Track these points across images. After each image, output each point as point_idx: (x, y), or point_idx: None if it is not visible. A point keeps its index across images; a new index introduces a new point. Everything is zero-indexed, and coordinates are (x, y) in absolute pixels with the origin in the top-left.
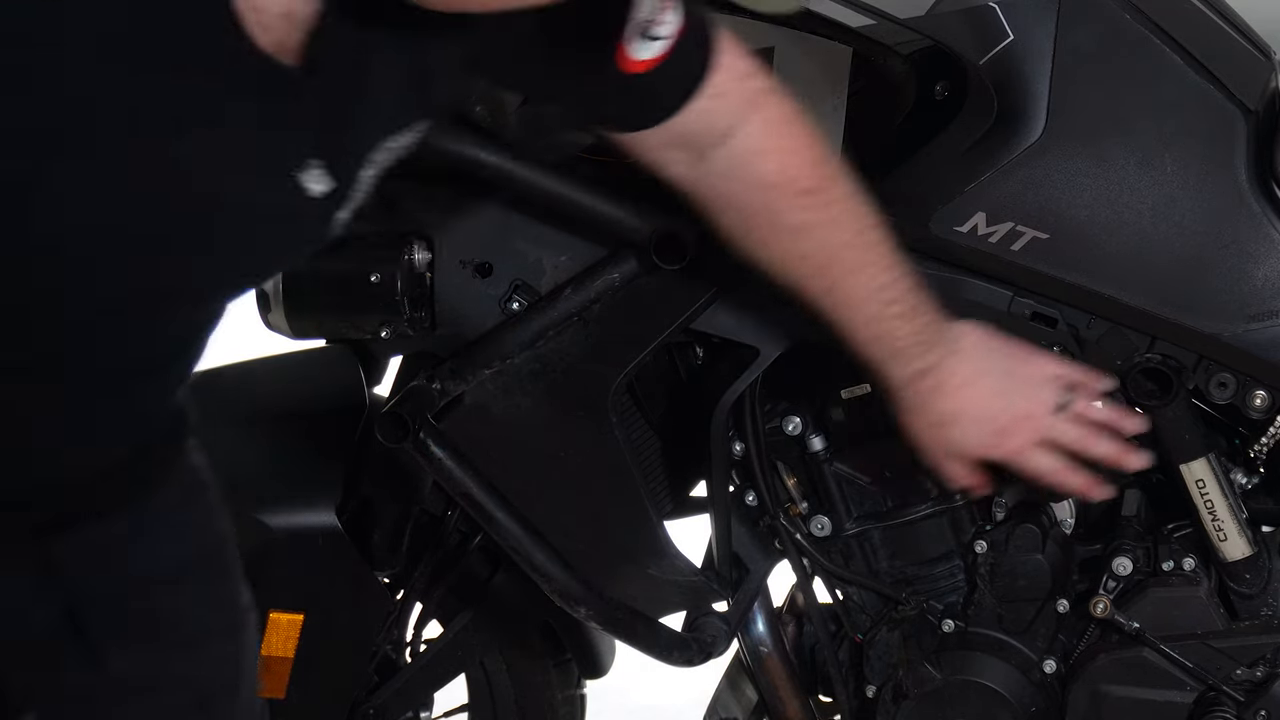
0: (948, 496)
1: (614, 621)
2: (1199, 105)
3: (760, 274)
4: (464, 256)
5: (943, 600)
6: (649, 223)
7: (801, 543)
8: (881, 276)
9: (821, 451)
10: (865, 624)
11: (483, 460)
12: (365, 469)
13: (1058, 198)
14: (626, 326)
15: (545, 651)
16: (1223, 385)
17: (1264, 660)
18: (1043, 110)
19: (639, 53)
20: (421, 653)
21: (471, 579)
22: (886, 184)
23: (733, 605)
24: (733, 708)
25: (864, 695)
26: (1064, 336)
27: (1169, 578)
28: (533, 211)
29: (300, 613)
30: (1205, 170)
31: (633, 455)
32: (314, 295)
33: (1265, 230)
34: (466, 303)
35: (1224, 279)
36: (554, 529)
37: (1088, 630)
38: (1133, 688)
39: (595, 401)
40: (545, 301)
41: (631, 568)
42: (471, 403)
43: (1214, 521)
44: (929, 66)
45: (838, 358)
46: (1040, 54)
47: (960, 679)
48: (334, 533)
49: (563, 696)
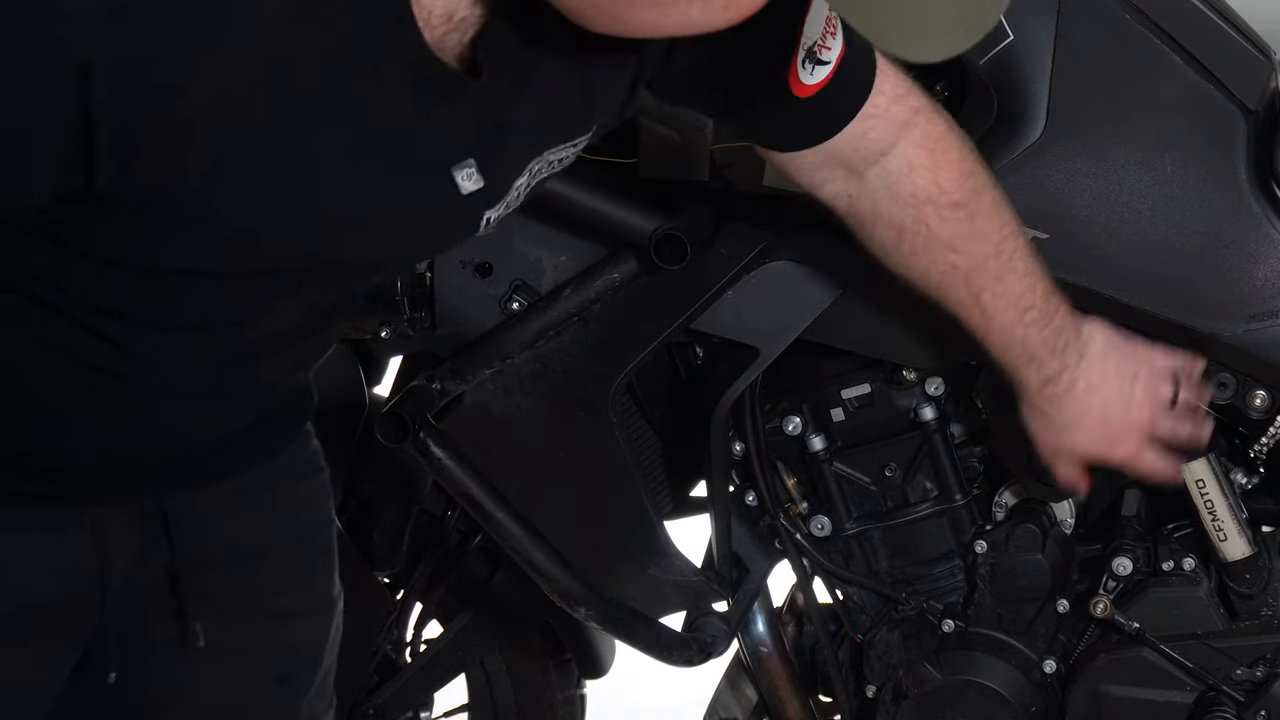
0: (948, 496)
1: (614, 621)
2: (1199, 105)
3: (903, 285)
4: (464, 256)
5: (943, 600)
6: (649, 223)
7: (801, 543)
8: (1020, 284)
9: (821, 451)
10: (865, 624)
11: (483, 460)
12: (365, 469)
13: (1058, 198)
14: (626, 326)
15: (545, 651)
16: (1223, 385)
17: (1264, 660)
18: (1043, 110)
19: (807, 76)
20: (421, 653)
21: (471, 579)
22: None
23: (733, 605)
24: (733, 708)
25: (864, 695)
26: None
27: (1169, 578)
28: (533, 211)
29: None
30: (1205, 170)
31: (633, 455)
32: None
33: (1265, 230)
34: (466, 303)
35: (1224, 279)
36: (554, 529)
37: (1088, 630)
38: (1133, 688)
39: (595, 401)
40: (545, 301)
41: (631, 568)
42: (471, 403)
43: (1214, 521)
44: (929, 66)
45: (838, 358)
46: (1040, 54)
47: (960, 679)
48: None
49: (563, 696)
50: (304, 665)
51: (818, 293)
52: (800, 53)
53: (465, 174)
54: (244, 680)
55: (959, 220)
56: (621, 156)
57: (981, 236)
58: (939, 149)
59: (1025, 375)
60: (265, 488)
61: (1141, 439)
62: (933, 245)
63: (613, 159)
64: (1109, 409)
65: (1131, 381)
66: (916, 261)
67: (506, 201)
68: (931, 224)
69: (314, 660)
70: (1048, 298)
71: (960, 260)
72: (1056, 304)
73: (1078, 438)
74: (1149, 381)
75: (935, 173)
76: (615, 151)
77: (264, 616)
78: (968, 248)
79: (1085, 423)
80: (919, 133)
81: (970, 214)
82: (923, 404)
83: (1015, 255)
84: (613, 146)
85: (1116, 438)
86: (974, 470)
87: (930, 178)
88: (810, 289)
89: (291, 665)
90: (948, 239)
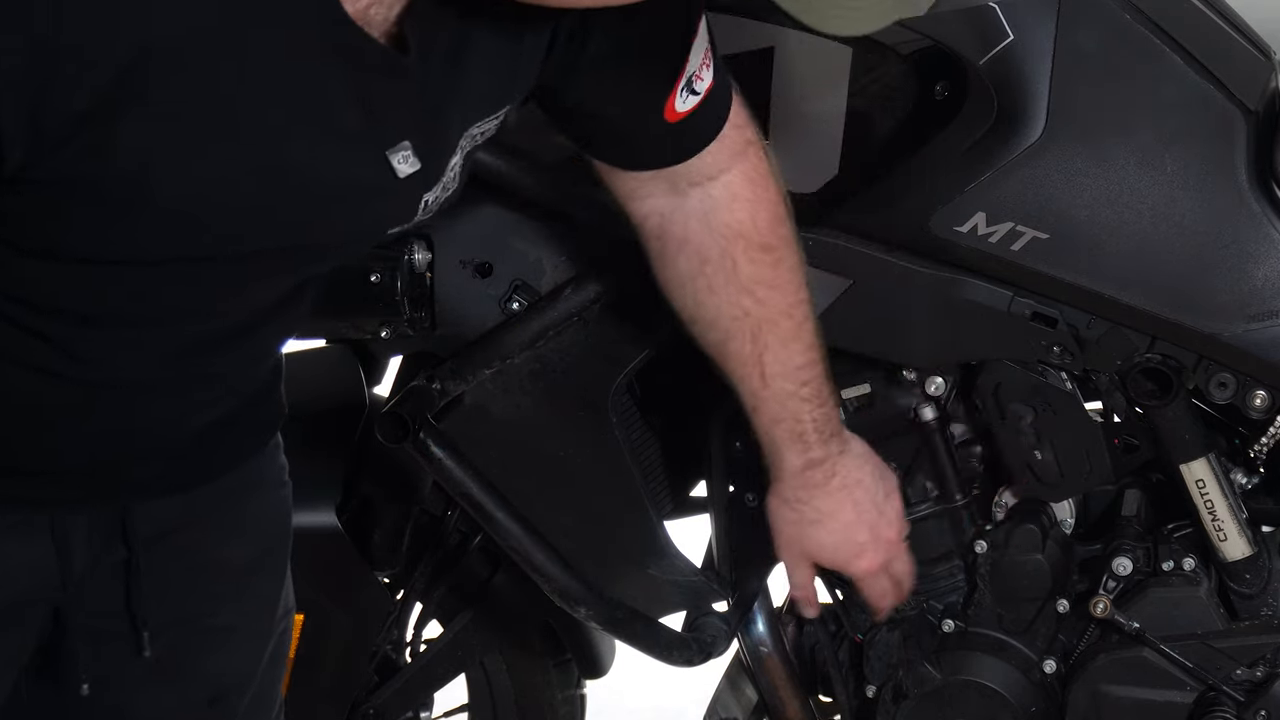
0: (948, 496)
1: (614, 621)
2: (1199, 105)
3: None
4: (464, 256)
5: (943, 600)
6: None
7: None
8: (804, 356)
9: None
10: (865, 624)
11: (483, 460)
12: (365, 469)
13: (1058, 198)
14: (627, 326)
15: (545, 651)
16: (1223, 385)
17: (1264, 660)
18: (1043, 110)
19: (681, 103)
20: (421, 653)
21: (471, 579)
22: (886, 184)
23: (733, 605)
24: (733, 708)
25: (864, 695)
26: (1064, 336)
27: (1169, 578)
28: (533, 211)
29: (300, 613)
30: (1205, 170)
31: (633, 455)
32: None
33: (1265, 230)
34: (466, 303)
35: (1224, 279)
36: (554, 529)
37: (1088, 630)
38: (1133, 688)
39: (595, 401)
40: (545, 301)
41: (631, 568)
42: (471, 403)
43: (1214, 521)
44: (929, 66)
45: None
46: (1040, 54)
47: (960, 679)
48: (334, 533)
49: (563, 696)
50: (235, 688)
51: (817, 293)
52: (683, 79)
53: (401, 157)
54: (179, 701)
55: (765, 264)
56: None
57: (781, 289)
58: (761, 187)
59: (788, 455)
60: (232, 496)
61: (886, 557)
62: (732, 284)
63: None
64: (861, 513)
65: (885, 496)
66: (711, 299)
67: (444, 183)
68: (738, 261)
69: (244, 682)
70: (824, 381)
71: (754, 309)
72: (830, 392)
73: (823, 537)
74: (892, 508)
75: (754, 209)
76: None
77: (204, 634)
78: (765, 296)
79: (834, 521)
80: (749, 165)
81: (776, 261)
82: (923, 404)
83: (805, 324)
84: None
85: (862, 546)
86: (974, 470)
87: (749, 213)
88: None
89: (224, 686)
90: (748, 281)
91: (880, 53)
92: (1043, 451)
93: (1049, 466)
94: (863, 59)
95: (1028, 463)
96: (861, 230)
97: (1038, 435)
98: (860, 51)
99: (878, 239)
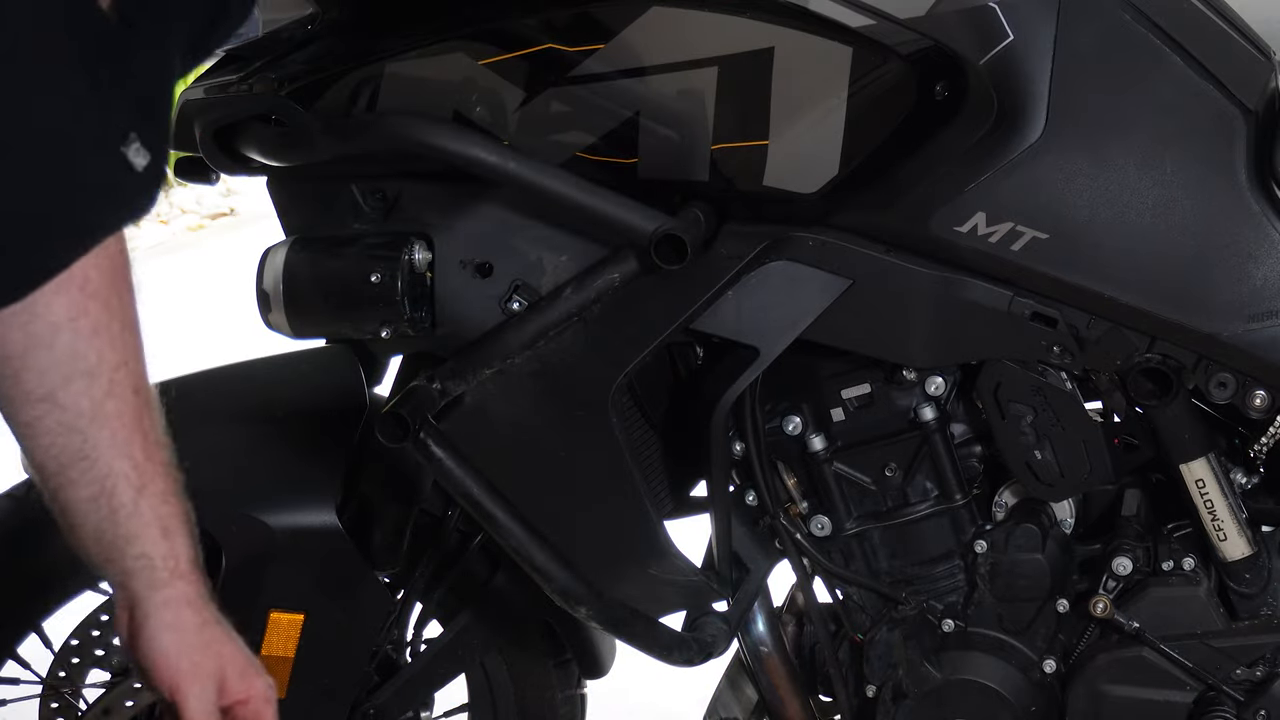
0: (948, 496)
1: (614, 621)
2: (1199, 105)
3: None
4: (464, 256)
5: (943, 600)
6: (649, 223)
7: (801, 543)
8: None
9: (821, 451)
10: (865, 624)
11: (483, 460)
12: (365, 469)
13: (1058, 198)
14: (626, 326)
15: (545, 651)
16: (1223, 385)
17: (1264, 660)
18: (1043, 110)
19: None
20: (421, 653)
21: (471, 579)
22: (886, 184)
23: (733, 605)
24: (733, 708)
25: (864, 695)
26: (1064, 336)
27: (1169, 577)
28: (533, 211)
29: (300, 613)
30: (1205, 170)
31: (633, 455)
32: (314, 295)
33: (1265, 230)
34: (466, 303)
35: (1224, 279)
36: (554, 529)
37: (1088, 630)
38: (1133, 688)
39: (595, 401)
40: (545, 301)
41: (631, 568)
42: (472, 403)
43: (1214, 521)
44: (929, 66)
45: (838, 358)
46: (1040, 54)
47: (960, 679)
48: (334, 533)
49: (563, 696)
50: None
51: (818, 293)
52: None
53: (134, 149)
54: None
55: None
56: (621, 156)
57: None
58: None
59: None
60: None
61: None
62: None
63: (613, 159)
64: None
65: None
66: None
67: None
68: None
69: None
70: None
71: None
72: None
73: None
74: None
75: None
76: (615, 152)
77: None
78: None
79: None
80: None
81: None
82: (923, 404)
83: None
84: (613, 146)
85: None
86: (974, 470)
87: None
88: (810, 289)
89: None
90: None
91: (880, 53)
92: (1043, 451)
93: (1049, 466)
94: (863, 59)
95: (1027, 462)
96: (861, 230)
97: (1038, 435)
98: (860, 51)
99: (878, 239)
